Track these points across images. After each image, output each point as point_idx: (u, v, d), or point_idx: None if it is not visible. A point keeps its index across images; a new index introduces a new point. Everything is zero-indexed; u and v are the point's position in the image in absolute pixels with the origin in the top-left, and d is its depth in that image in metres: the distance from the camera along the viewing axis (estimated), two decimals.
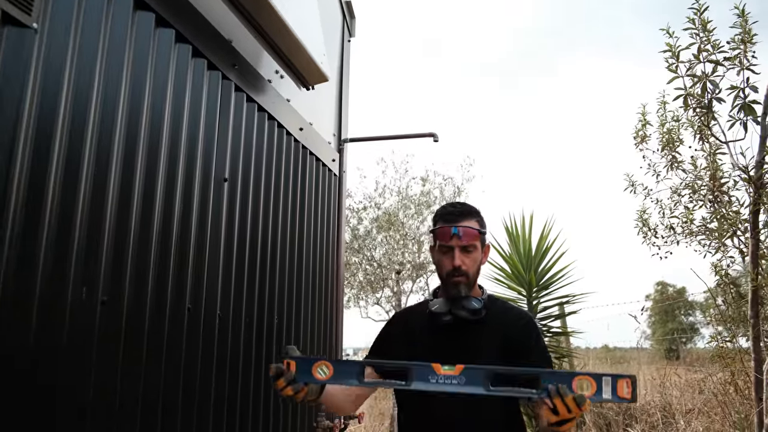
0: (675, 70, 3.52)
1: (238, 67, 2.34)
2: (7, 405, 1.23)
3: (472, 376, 1.56)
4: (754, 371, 3.46)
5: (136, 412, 1.61)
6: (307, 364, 1.59)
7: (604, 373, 1.51)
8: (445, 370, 1.57)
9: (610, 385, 1.50)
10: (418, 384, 1.57)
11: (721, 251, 3.98)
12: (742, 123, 3.36)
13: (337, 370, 1.60)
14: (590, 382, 1.50)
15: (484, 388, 1.55)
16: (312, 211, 3.11)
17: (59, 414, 1.35)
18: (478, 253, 1.96)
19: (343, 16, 3.99)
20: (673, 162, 4.44)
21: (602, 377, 1.50)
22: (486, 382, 1.55)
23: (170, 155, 1.85)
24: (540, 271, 7.83)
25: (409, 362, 1.63)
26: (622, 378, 1.50)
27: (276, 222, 2.62)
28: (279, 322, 2.59)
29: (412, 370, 1.59)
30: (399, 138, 3.95)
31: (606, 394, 1.49)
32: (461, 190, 11.02)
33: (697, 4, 3.47)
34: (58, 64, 1.40)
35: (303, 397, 1.63)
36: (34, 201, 1.30)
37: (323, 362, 1.60)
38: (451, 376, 1.56)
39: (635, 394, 1.49)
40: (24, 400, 1.26)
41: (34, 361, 1.28)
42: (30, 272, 1.28)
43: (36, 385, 1.29)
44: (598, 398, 1.49)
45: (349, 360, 1.73)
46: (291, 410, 2.68)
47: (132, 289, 1.61)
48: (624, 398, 1.49)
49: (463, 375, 1.56)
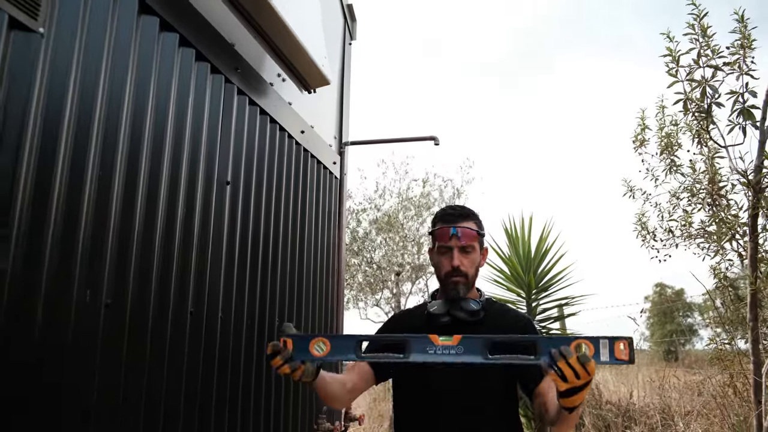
0: (675, 74, 3.54)
1: (241, 70, 2.35)
2: (12, 403, 1.24)
3: (470, 346, 1.57)
4: (753, 374, 3.48)
5: (139, 412, 1.62)
6: (304, 341, 1.60)
7: (600, 335, 1.53)
8: (442, 340, 1.58)
9: (608, 347, 1.51)
10: (417, 356, 1.59)
11: (719, 254, 3.99)
12: (741, 128, 3.38)
13: (335, 346, 1.61)
14: (588, 345, 1.52)
15: (482, 357, 1.56)
16: (313, 214, 3.12)
17: (64, 414, 1.36)
18: (477, 254, 1.98)
19: (344, 19, 4.00)
20: (672, 166, 4.46)
21: (599, 339, 1.52)
22: (484, 351, 1.56)
23: (173, 158, 1.86)
24: (539, 273, 7.85)
25: (407, 335, 1.64)
26: (619, 339, 1.52)
27: (277, 224, 2.63)
28: (280, 323, 2.60)
29: (410, 342, 1.60)
30: (400, 141, 3.96)
31: (604, 356, 1.51)
32: (461, 192, 11.05)
33: (697, 10, 3.49)
34: (63, 68, 1.42)
35: (300, 375, 1.64)
36: (40, 201, 1.31)
37: (320, 338, 1.60)
38: (449, 347, 1.58)
39: (632, 354, 1.51)
40: (29, 399, 1.28)
41: (39, 360, 1.29)
42: (36, 272, 1.29)
43: (41, 383, 1.30)
44: (596, 360, 1.50)
45: (346, 334, 1.72)
46: (292, 412, 2.69)
47: (135, 291, 1.62)
48: (622, 359, 1.50)
49: (461, 345, 1.57)
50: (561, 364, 1.49)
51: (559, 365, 1.49)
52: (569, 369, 1.48)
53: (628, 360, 1.50)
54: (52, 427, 1.33)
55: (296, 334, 1.62)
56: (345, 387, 1.91)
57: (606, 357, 1.51)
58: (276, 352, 1.58)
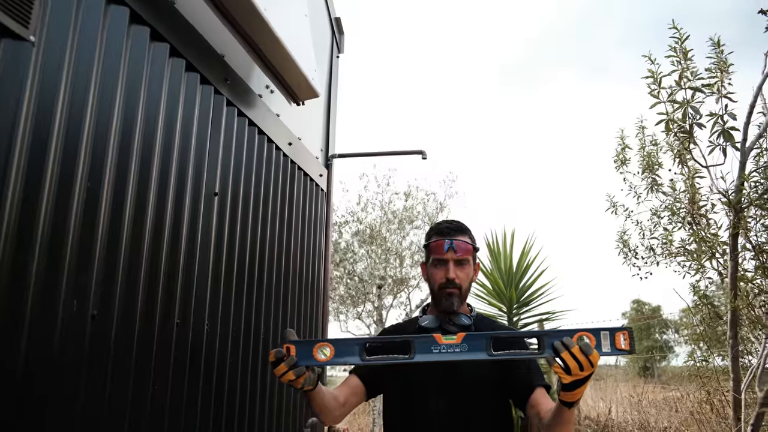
0: (657, 95, 3.61)
1: (230, 81, 2.35)
2: None
3: (474, 343, 1.58)
4: (733, 391, 3.52)
5: (124, 423, 1.59)
6: (308, 346, 1.59)
7: (601, 327, 1.55)
8: (446, 339, 1.59)
9: (609, 338, 1.54)
10: (421, 356, 1.58)
11: (699, 272, 4.05)
12: (722, 148, 3.44)
13: (339, 350, 1.60)
14: (589, 337, 1.54)
15: (487, 353, 1.57)
16: (299, 226, 3.12)
17: (48, 425, 1.34)
18: (470, 268, 2.00)
19: (332, 32, 4.02)
20: (653, 184, 4.53)
21: (600, 331, 1.54)
22: (488, 347, 1.57)
23: (162, 168, 1.85)
24: (521, 288, 7.88)
25: (412, 335, 1.64)
26: (620, 331, 1.54)
27: (264, 236, 2.62)
28: (265, 335, 2.59)
29: (415, 343, 1.60)
30: (387, 155, 3.98)
31: (605, 347, 1.53)
32: (444, 206, 11.08)
33: (678, 33, 3.56)
34: (53, 77, 1.41)
35: (303, 382, 1.62)
36: (27, 211, 1.30)
37: (324, 343, 1.60)
38: (453, 345, 1.58)
39: (633, 345, 1.53)
40: (16, 410, 1.25)
41: (27, 374, 1.27)
42: (23, 282, 1.27)
43: (30, 393, 1.28)
44: (598, 352, 1.51)
45: (348, 338, 1.70)
46: (276, 423, 2.67)
47: (122, 302, 1.60)
48: (623, 350, 1.53)
49: (465, 342, 1.58)
50: (564, 355, 1.51)
51: (563, 356, 1.51)
52: (573, 360, 1.50)
53: (629, 350, 1.52)
54: None
55: (300, 339, 1.61)
56: (338, 401, 1.90)
57: (607, 348, 1.53)
58: (279, 359, 1.57)
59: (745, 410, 3.40)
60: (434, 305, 2.04)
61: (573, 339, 1.53)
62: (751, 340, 4.00)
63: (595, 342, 1.53)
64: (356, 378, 1.99)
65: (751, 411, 3.40)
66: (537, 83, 60.45)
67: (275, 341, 2.70)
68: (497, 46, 78.28)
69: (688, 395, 6.25)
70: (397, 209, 10.99)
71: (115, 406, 1.56)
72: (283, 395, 2.77)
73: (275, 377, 2.64)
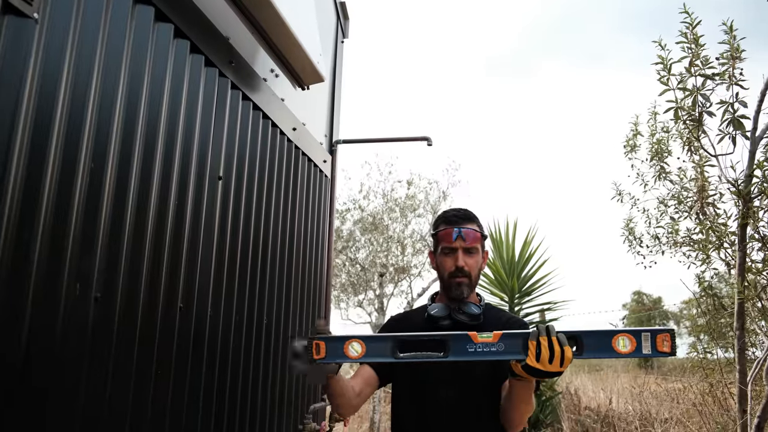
0: (666, 82, 3.56)
1: (235, 64, 2.31)
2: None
3: (511, 342, 1.53)
4: (738, 383, 3.50)
5: (127, 408, 1.57)
6: (339, 342, 1.55)
7: (643, 329, 1.51)
8: (482, 337, 1.54)
9: (650, 340, 1.49)
10: (456, 355, 1.54)
11: (705, 263, 4.02)
12: (731, 137, 3.40)
13: (370, 347, 1.56)
14: (630, 339, 1.50)
15: (523, 353, 1.52)
16: (303, 213, 3.09)
17: (50, 409, 1.32)
18: (479, 256, 1.99)
19: (337, 17, 3.97)
20: (662, 172, 4.49)
21: (641, 333, 1.50)
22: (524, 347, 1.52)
23: (166, 151, 1.82)
24: (522, 278, 7.89)
25: (446, 333, 1.60)
26: (661, 333, 1.50)
27: (267, 222, 2.60)
28: (268, 321, 2.57)
29: (450, 341, 1.55)
30: (392, 141, 3.94)
31: (646, 349, 1.49)
32: (447, 195, 11.04)
33: (689, 19, 3.50)
34: (57, 56, 1.37)
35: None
36: (30, 192, 1.27)
37: (355, 339, 1.55)
38: (490, 344, 1.54)
39: (674, 347, 1.49)
40: (17, 396, 1.23)
41: (26, 358, 1.25)
42: (26, 264, 1.25)
43: (30, 377, 1.26)
44: (637, 354, 1.49)
45: (381, 335, 1.65)
46: (278, 411, 2.65)
47: (125, 285, 1.58)
48: (664, 352, 1.49)
49: (501, 341, 1.54)
50: (542, 339, 1.49)
51: (540, 339, 1.49)
52: (547, 350, 1.47)
53: (670, 352, 1.48)
54: (39, 420, 1.29)
55: (330, 336, 1.57)
56: (354, 390, 1.89)
57: (648, 350, 1.49)
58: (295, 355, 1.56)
59: (751, 402, 3.38)
60: (444, 293, 2.04)
61: (613, 340, 1.49)
62: (756, 332, 3.98)
63: (635, 343, 1.49)
64: (369, 368, 1.98)
65: (756, 404, 3.38)
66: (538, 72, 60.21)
67: (277, 329, 2.68)
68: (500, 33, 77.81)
69: (691, 386, 6.24)
70: (399, 197, 10.95)
71: (117, 388, 1.54)
72: (285, 384, 2.76)
73: (278, 364, 2.64)
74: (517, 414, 1.79)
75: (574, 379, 10.50)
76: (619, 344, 1.50)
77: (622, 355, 1.50)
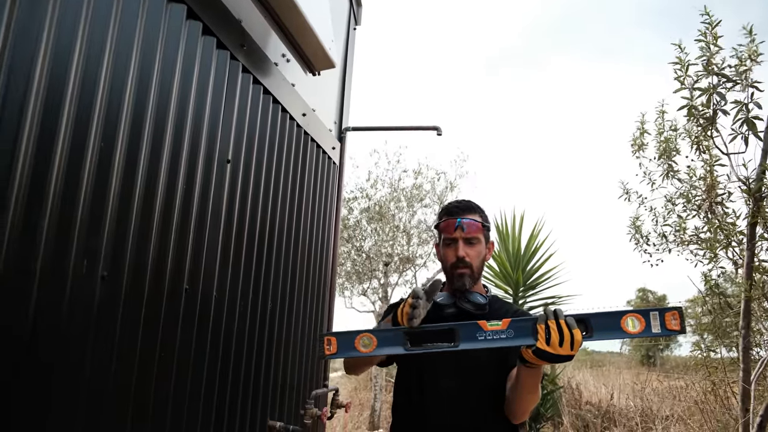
0: (683, 82, 3.53)
1: (246, 47, 2.30)
2: (6, 375, 1.20)
3: (520, 326, 1.54)
4: (742, 381, 3.49)
5: (130, 386, 1.58)
6: (350, 337, 1.58)
7: (651, 308, 1.52)
8: (491, 325, 1.55)
9: (659, 319, 1.50)
10: (466, 344, 1.55)
11: (712, 261, 4.00)
12: (744, 137, 3.38)
13: (381, 339, 1.58)
14: (639, 319, 1.50)
15: (533, 338, 1.52)
16: (310, 199, 3.09)
17: (55, 385, 1.33)
18: (482, 246, 1.99)
19: (350, 4, 3.95)
20: (670, 171, 4.46)
21: (649, 312, 1.51)
22: (534, 333, 1.52)
23: (175, 132, 1.82)
24: (528, 271, 7.86)
25: (456, 323, 1.61)
26: (669, 311, 1.50)
27: (275, 207, 2.60)
28: (273, 307, 2.57)
29: (459, 330, 1.56)
30: (402, 129, 3.92)
31: (655, 328, 1.49)
32: (454, 186, 11.02)
33: (710, 19, 3.47)
34: (69, 33, 1.37)
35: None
36: (40, 169, 1.27)
37: (365, 334, 1.58)
38: (500, 331, 1.54)
39: (683, 325, 1.49)
40: (23, 371, 1.24)
41: (33, 334, 1.25)
42: (34, 239, 1.25)
43: (38, 361, 1.27)
44: (647, 333, 1.49)
45: (391, 328, 1.67)
46: (279, 396, 2.67)
47: (132, 265, 1.58)
48: (673, 330, 1.49)
49: (511, 328, 1.54)
50: (550, 322, 1.49)
51: (549, 323, 1.49)
52: (557, 333, 1.48)
53: (680, 330, 1.49)
54: (44, 397, 1.30)
55: (340, 331, 1.60)
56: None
57: (657, 329, 1.49)
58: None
59: (754, 401, 3.38)
60: (447, 284, 2.04)
61: (622, 320, 1.49)
62: (761, 332, 3.96)
63: (644, 323, 1.50)
64: None
65: (758, 403, 3.38)
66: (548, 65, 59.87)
67: (281, 315, 2.68)
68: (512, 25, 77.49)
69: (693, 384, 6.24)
70: (406, 187, 10.93)
71: (122, 366, 1.55)
72: (287, 369, 2.77)
73: (281, 349, 2.65)
74: (522, 404, 1.80)
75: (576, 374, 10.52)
76: (629, 325, 1.50)
77: (632, 335, 1.50)
